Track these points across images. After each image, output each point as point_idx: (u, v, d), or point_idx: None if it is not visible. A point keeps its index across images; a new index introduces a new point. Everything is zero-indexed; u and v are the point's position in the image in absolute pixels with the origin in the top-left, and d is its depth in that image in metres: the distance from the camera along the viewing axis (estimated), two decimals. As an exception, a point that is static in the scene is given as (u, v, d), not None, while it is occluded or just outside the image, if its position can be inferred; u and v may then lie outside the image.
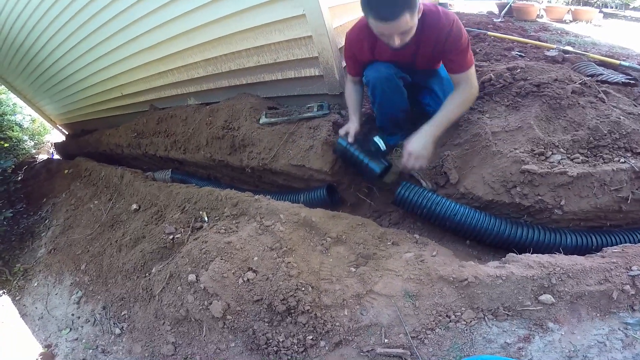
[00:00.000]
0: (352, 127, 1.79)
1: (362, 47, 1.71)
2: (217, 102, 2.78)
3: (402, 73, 1.75)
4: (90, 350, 1.73)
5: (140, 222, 2.17)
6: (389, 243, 1.56)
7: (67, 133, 6.02)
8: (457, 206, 1.60)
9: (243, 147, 2.34)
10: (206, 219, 1.85)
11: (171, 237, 1.86)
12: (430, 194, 1.64)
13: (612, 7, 4.28)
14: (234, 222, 1.66)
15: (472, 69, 1.63)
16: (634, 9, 4.11)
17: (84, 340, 1.79)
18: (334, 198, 1.92)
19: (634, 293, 1.25)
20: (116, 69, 3.48)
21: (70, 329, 1.90)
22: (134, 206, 2.40)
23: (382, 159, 1.77)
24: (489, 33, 2.64)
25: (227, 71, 2.67)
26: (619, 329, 1.22)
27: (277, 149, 2.10)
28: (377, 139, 1.85)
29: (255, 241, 1.49)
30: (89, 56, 3.56)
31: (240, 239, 1.49)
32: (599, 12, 3.83)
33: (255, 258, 1.43)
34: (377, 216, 1.86)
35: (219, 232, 1.60)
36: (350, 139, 1.76)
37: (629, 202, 1.47)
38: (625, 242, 1.45)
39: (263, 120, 2.40)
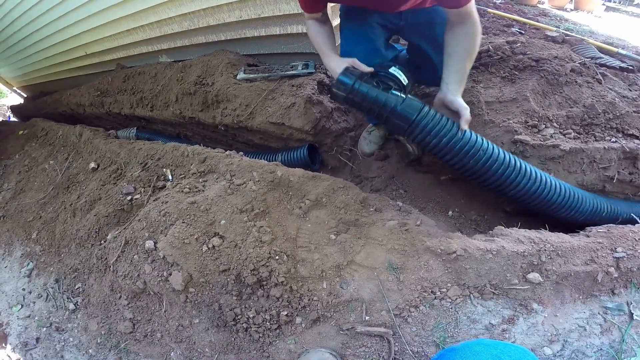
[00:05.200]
0: (353, 60, 1.16)
1: None
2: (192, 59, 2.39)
3: (389, 51, 1.32)
4: (44, 328, 1.42)
5: (98, 182, 1.79)
6: (371, 209, 1.31)
7: (25, 96, 5.23)
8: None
9: (217, 103, 1.98)
10: (170, 177, 1.51)
11: (129, 197, 1.51)
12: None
13: (615, 2, 4.12)
14: (200, 180, 1.33)
15: (473, 4, 1.10)
16: (637, 5, 3.98)
17: (36, 318, 1.48)
18: (314, 159, 1.64)
19: (616, 276, 1.12)
20: (80, 27, 2.99)
21: (22, 306, 1.57)
22: (92, 165, 1.99)
23: (413, 97, 1.14)
24: (489, 10, 2.39)
25: (204, 27, 2.30)
26: (599, 313, 1.10)
27: (255, 106, 1.77)
28: (395, 70, 1.17)
29: (224, 202, 1.18)
30: (50, 15, 3.02)
31: (206, 200, 1.17)
32: (602, 4, 3.60)
33: (223, 221, 1.13)
34: (358, 182, 1.61)
35: (182, 191, 1.27)
36: (365, 69, 1.12)
37: (614, 181, 1.34)
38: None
39: (241, 76, 2.03)
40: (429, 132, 1.09)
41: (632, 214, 1.32)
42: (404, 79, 1.15)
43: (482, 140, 1.12)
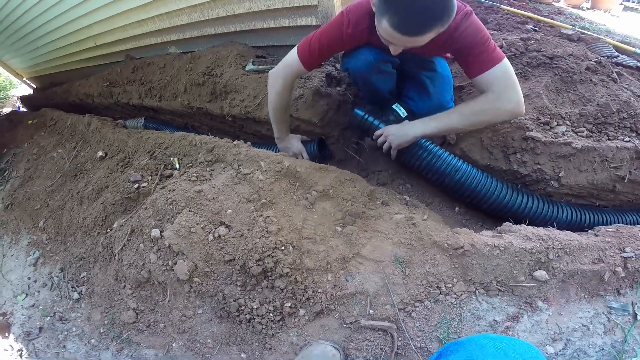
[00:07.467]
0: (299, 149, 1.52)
1: (358, 40, 1.23)
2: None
3: (389, 56, 1.27)
4: (48, 318, 1.40)
5: (105, 171, 1.77)
6: (378, 202, 1.28)
7: (35, 86, 5.21)
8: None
9: (225, 93, 1.95)
10: (177, 165, 1.49)
11: (136, 185, 1.49)
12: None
13: (634, 1, 3.94)
14: (207, 169, 1.30)
15: (503, 68, 1.11)
16: (656, 6, 3.83)
17: (40, 307, 1.46)
18: (324, 153, 1.61)
19: (623, 276, 1.09)
20: (90, 19, 2.95)
21: (27, 295, 1.55)
22: (100, 153, 1.96)
23: None
24: (502, 7, 2.31)
25: (214, 18, 2.25)
26: (603, 312, 1.07)
27: (263, 97, 1.73)
28: (397, 106, 1.43)
29: (231, 191, 1.15)
30: (60, 6, 2.99)
31: (213, 188, 1.15)
32: (620, 3, 3.42)
33: (229, 211, 1.11)
34: (364, 175, 1.58)
35: (189, 179, 1.25)
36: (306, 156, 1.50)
37: (625, 181, 1.30)
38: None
39: (250, 67, 2.00)
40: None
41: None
42: (403, 113, 1.41)
43: (455, 159, 1.34)
